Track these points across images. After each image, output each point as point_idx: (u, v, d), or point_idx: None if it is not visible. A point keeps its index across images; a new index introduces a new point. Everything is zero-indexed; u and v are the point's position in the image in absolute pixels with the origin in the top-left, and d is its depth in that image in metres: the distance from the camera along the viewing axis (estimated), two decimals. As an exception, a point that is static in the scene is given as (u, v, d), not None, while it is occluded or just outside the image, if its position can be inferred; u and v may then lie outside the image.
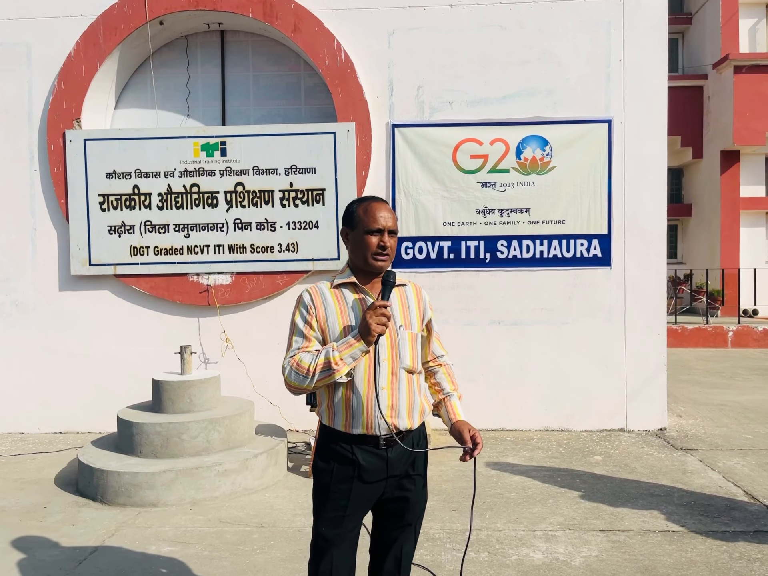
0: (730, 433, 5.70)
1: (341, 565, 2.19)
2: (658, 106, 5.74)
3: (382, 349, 2.14)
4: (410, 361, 2.19)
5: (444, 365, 2.38)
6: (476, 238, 5.84)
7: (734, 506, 4.01)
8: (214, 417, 4.54)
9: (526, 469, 4.78)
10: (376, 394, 2.10)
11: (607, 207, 5.79)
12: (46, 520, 3.96)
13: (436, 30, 5.78)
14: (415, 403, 2.20)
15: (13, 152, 5.95)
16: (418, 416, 2.22)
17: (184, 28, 6.14)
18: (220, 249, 5.86)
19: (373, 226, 2.14)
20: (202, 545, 3.57)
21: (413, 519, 2.28)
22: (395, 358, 2.16)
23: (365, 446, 2.15)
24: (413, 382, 2.20)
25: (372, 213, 2.16)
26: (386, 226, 2.15)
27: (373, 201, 2.21)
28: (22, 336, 5.99)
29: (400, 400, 2.16)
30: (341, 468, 2.15)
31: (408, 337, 2.19)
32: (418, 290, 2.32)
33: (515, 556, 3.38)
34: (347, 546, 2.20)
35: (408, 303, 2.24)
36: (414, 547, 2.36)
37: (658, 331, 5.81)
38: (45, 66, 5.89)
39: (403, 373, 2.17)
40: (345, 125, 5.75)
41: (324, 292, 2.20)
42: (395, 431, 2.14)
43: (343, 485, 2.15)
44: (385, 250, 2.14)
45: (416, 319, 2.24)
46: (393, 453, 2.16)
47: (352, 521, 2.18)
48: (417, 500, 2.26)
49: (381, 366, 2.13)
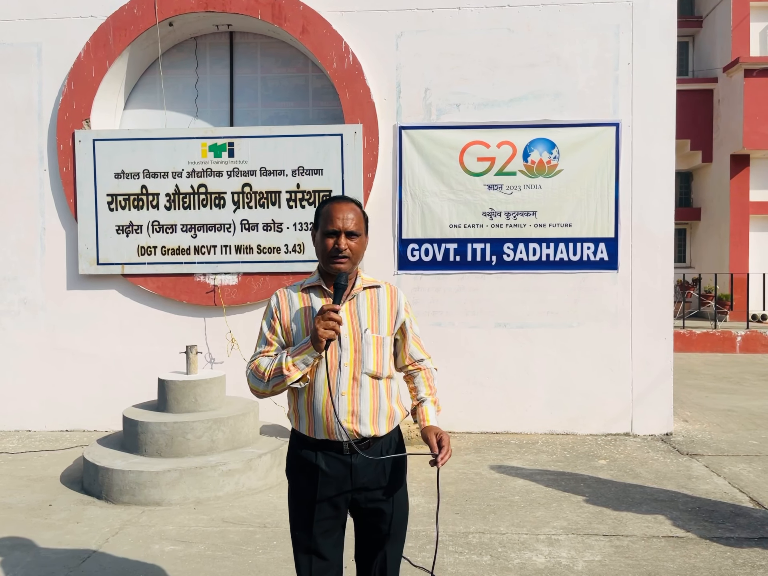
0: (737, 438, 5.66)
1: (322, 570, 2.17)
2: (667, 109, 5.72)
3: (345, 353, 2.08)
4: (373, 366, 2.11)
5: (423, 369, 2.29)
6: (482, 241, 5.84)
7: (739, 512, 3.98)
8: (219, 417, 4.55)
9: (530, 473, 4.77)
10: (334, 399, 2.05)
11: (615, 210, 5.77)
12: (51, 518, 3.98)
13: (444, 32, 5.79)
14: (380, 410, 2.13)
15: (23, 152, 6.00)
16: (385, 423, 2.14)
17: (194, 29, 6.18)
18: (227, 249, 5.89)
19: (329, 227, 2.07)
20: (205, 545, 3.58)
21: (392, 530, 2.18)
22: (357, 362, 2.09)
23: (329, 451, 2.11)
24: (379, 388, 2.13)
25: (330, 214, 2.08)
26: (343, 227, 2.07)
27: (334, 202, 2.12)
28: (30, 334, 6.04)
29: (361, 406, 2.09)
30: (306, 472, 2.14)
31: (372, 342, 2.11)
32: (393, 292, 2.22)
33: (518, 560, 3.37)
34: (329, 551, 2.17)
35: (378, 305, 2.16)
36: (398, 556, 2.27)
37: (665, 335, 5.79)
38: (55, 66, 5.94)
39: (366, 378, 2.11)
40: (352, 127, 5.76)
41: (292, 295, 2.17)
42: (357, 437, 2.09)
43: (308, 489, 2.13)
44: (341, 253, 2.06)
45: (386, 322, 2.16)
46: (358, 459, 2.10)
47: (322, 525, 2.14)
48: (393, 511, 2.16)
49: (342, 371, 2.08)
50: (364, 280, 2.19)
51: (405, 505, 2.25)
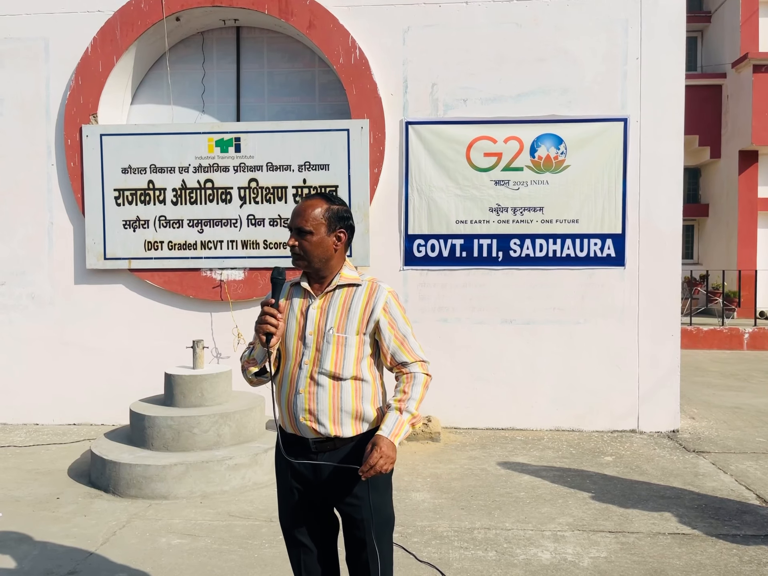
0: (744, 436, 5.64)
1: (311, 563, 2.22)
2: (676, 105, 5.68)
3: (307, 351, 2.09)
4: (331, 366, 2.07)
5: (406, 374, 2.15)
6: (489, 237, 5.82)
7: (746, 510, 3.97)
8: (225, 411, 4.57)
9: (536, 469, 4.77)
10: (296, 396, 2.10)
11: (622, 206, 5.74)
12: (59, 511, 4.01)
13: (451, 27, 5.76)
14: (342, 410, 2.08)
15: (31, 147, 6.02)
16: (350, 424, 2.10)
17: (200, 24, 6.17)
18: (234, 245, 5.89)
19: (289, 225, 2.12)
20: (211, 538, 3.59)
21: (367, 537, 2.09)
22: (316, 361, 2.08)
23: (299, 447, 2.14)
24: (341, 389, 2.08)
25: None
26: (291, 224, 2.09)
27: (302, 200, 2.15)
28: (38, 329, 6.07)
29: (318, 405, 2.08)
30: (281, 464, 2.21)
31: (333, 341, 2.07)
32: (372, 291, 2.12)
33: (523, 556, 3.37)
34: (314, 544, 2.22)
35: (351, 304, 2.10)
36: (384, 565, 2.13)
37: (672, 332, 5.77)
38: (62, 61, 5.95)
39: (325, 378, 2.08)
40: (359, 122, 5.75)
41: (283, 290, 2.20)
42: (320, 436, 2.10)
43: (283, 481, 2.21)
44: (293, 250, 2.08)
45: (356, 322, 2.09)
46: (324, 458, 2.11)
47: (302, 518, 2.19)
48: (363, 518, 2.09)
49: (302, 369, 2.10)
50: (343, 278, 2.13)
51: (384, 511, 2.17)
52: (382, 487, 2.16)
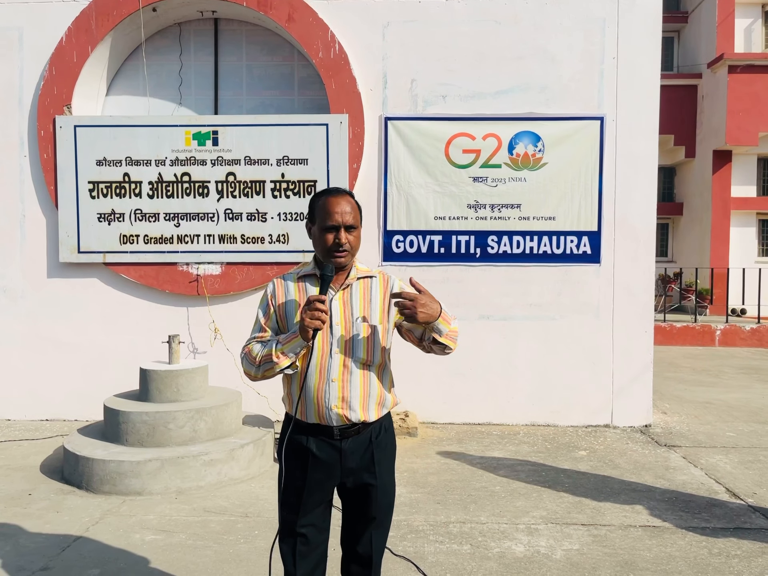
0: (714, 430, 5.75)
1: (306, 552, 2.22)
2: (651, 104, 5.75)
3: (336, 341, 2.12)
4: (363, 354, 2.15)
5: None
6: (467, 233, 5.85)
7: (715, 503, 4.05)
8: (201, 407, 4.54)
9: (511, 463, 4.82)
10: (328, 385, 2.11)
11: (598, 204, 5.81)
12: (31, 507, 3.96)
13: (431, 23, 5.77)
14: (371, 396, 2.17)
15: (3, 138, 5.90)
16: (375, 409, 2.19)
17: (178, 15, 6.10)
18: (211, 239, 5.85)
19: (328, 223, 2.10)
20: (186, 534, 3.58)
21: (378, 513, 2.24)
22: (348, 350, 2.13)
23: (320, 436, 2.16)
24: (369, 375, 2.18)
25: (328, 209, 2.11)
26: (342, 222, 2.10)
27: (330, 195, 2.14)
28: (10, 323, 5.96)
29: (351, 392, 2.14)
30: (297, 455, 2.19)
31: (363, 330, 2.14)
32: (385, 281, 2.25)
33: (497, 549, 3.41)
34: (314, 535, 2.22)
35: (371, 295, 2.20)
36: (383, 543, 2.33)
37: (646, 328, 5.85)
38: (36, 51, 5.84)
39: (357, 365, 2.15)
40: (338, 117, 5.73)
41: (288, 284, 2.21)
42: (347, 423, 2.14)
43: (298, 472, 2.18)
44: (342, 247, 2.10)
45: (378, 311, 2.19)
46: (347, 444, 2.16)
47: (310, 508, 2.19)
48: (379, 494, 2.22)
49: (333, 358, 2.13)
50: (359, 270, 2.22)
51: (391, 491, 2.30)
52: (393, 468, 2.30)
